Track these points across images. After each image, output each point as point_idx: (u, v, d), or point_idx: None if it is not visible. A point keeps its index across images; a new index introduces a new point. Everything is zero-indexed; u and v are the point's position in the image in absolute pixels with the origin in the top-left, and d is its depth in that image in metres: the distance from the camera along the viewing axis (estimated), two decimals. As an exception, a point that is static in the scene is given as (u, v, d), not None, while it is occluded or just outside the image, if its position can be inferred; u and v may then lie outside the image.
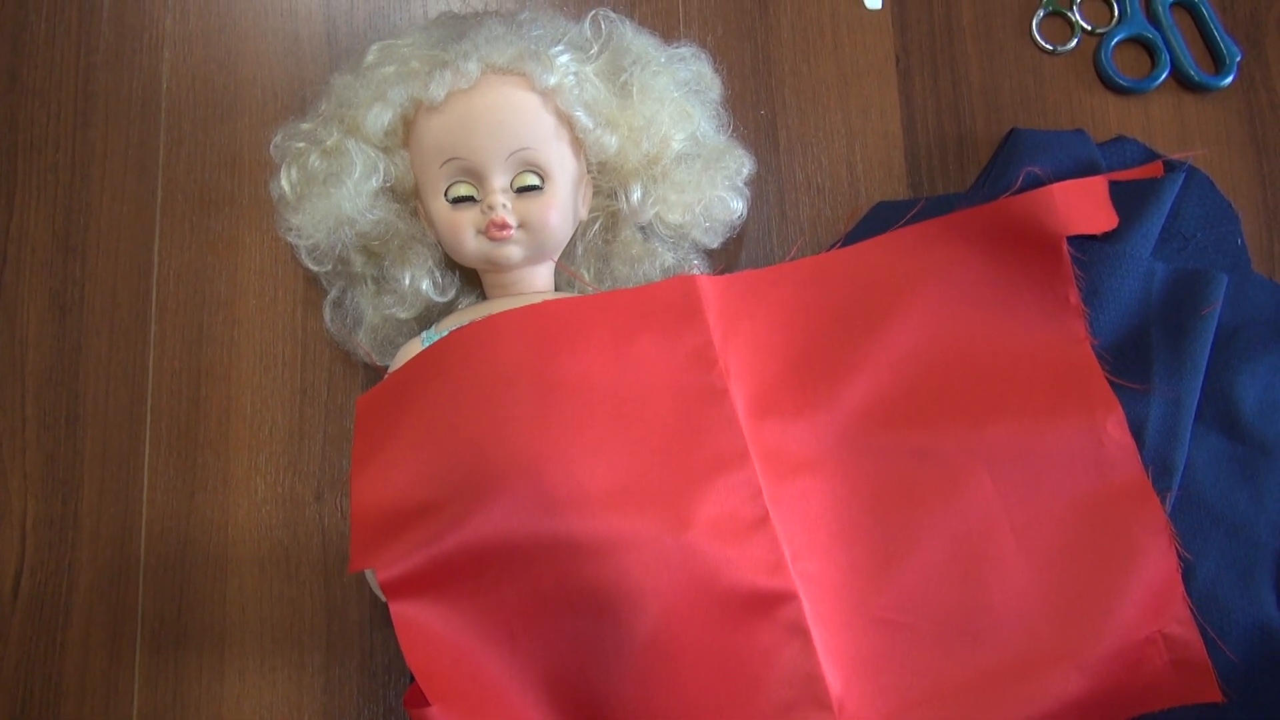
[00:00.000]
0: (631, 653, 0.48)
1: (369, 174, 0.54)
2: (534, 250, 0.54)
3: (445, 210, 0.53)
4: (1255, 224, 0.64)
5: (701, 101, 0.58)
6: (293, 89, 0.62)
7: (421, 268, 0.56)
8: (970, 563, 0.53)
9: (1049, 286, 0.56)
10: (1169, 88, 0.65)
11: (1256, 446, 0.55)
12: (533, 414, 0.49)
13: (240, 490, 0.58)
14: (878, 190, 0.63)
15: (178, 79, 0.62)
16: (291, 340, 0.60)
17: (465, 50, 0.52)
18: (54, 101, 0.62)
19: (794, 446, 0.54)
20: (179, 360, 0.60)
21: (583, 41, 0.55)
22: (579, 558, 0.48)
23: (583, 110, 0.53)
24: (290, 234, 0.56)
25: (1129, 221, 0.57)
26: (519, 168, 0.52)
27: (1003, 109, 0.65)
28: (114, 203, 0.61)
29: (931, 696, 0.51)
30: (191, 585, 0.57)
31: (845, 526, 0.54)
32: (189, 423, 0.59)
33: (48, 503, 0.58)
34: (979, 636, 0.52)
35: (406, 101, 0.53)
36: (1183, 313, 0.56)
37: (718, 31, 0.64)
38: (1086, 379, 0.55)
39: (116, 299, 0.60)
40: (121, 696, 0.56)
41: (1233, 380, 0.56)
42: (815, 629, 0.50)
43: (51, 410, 0.59)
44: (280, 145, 0.57)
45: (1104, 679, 0.50)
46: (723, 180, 0.57)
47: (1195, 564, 0.52)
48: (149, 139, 0.62)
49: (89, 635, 0.57)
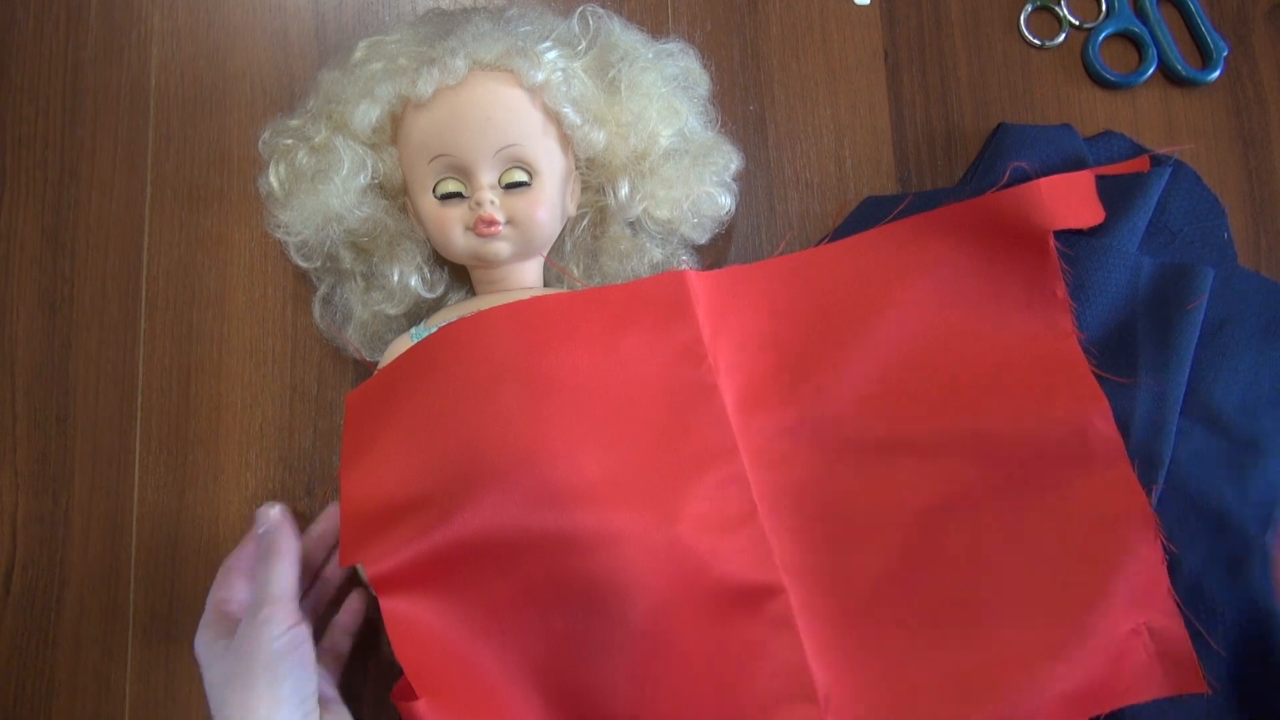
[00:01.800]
0: (621, 646, 0.48)
1: (357, 171, 0.54)
2: (522, 246, 0.54)
3: (433, 207, 0.53)
4: (1241, 218, 0.64)
5: (690, 97, 0.58)
6: (281, 85, 0.62)
7: (410, 264, 0.56)
8: (957, 556, 0.53)
9: (1036, 281, 0.56)
10: (1156, 82, 0.66)
11: (1241, 441, 0.55)
12: (522, 409, 0.49)
13: (231, 486, 0.58)
14: (866, 185, 0.63)
15: (166, 75, 0.62)
16: (281, 336, 0.60)
17: (453, 47, 0.52)
18: (42, 97, 0.62)
19: (781, 441, 0.55)
20: (169, 357, 0.60)
21: (570, 38, 0.55)
22: (569, 552, 0.48)
23: (570, 106, 0.53)
24: (279, 231, 0.56)
25: (1116, 216, 0.57)
26: (507, 164, 0.52)
27: (991, 104, 0.65)
28: (103, 199, 0.61)
29: (918, 688, 0.51)
30: (183, 580, 0.58)
31: (832, 520, 0.54)
32: (179, 419, 0.59)
33: (39, 499, 0.58)
34: (966, 629, 0.52)
35: (394, 98, 0.53)
36: (1169, 307, 0.56)
37: (706, 27, 0.64)
38: (1073, 373, 0.55)
39: (106, 296, 0.60)
40: (113, 692, 0.57)
41: (1217, 375, 0.56)
42: (802, 622, 0.50)
43: (41, 407, 0.59)
44: (268, 142, 0.57)
45: (1090, 671, 0.50)
46: (711, 176, 0.57)
47: (1181, 557, 0.52)
48: (137, 135, 0.62)
49: (81, 631, 0.57)
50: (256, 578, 0.48)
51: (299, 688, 0.45)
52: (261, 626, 0.46)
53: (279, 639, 0.45)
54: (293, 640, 0.46)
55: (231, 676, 0.45)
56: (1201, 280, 0.56)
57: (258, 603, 0.47)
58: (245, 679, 0.45)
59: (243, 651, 0.45)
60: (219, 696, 0.45)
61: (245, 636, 0.46)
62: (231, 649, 0.46)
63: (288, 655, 0.45)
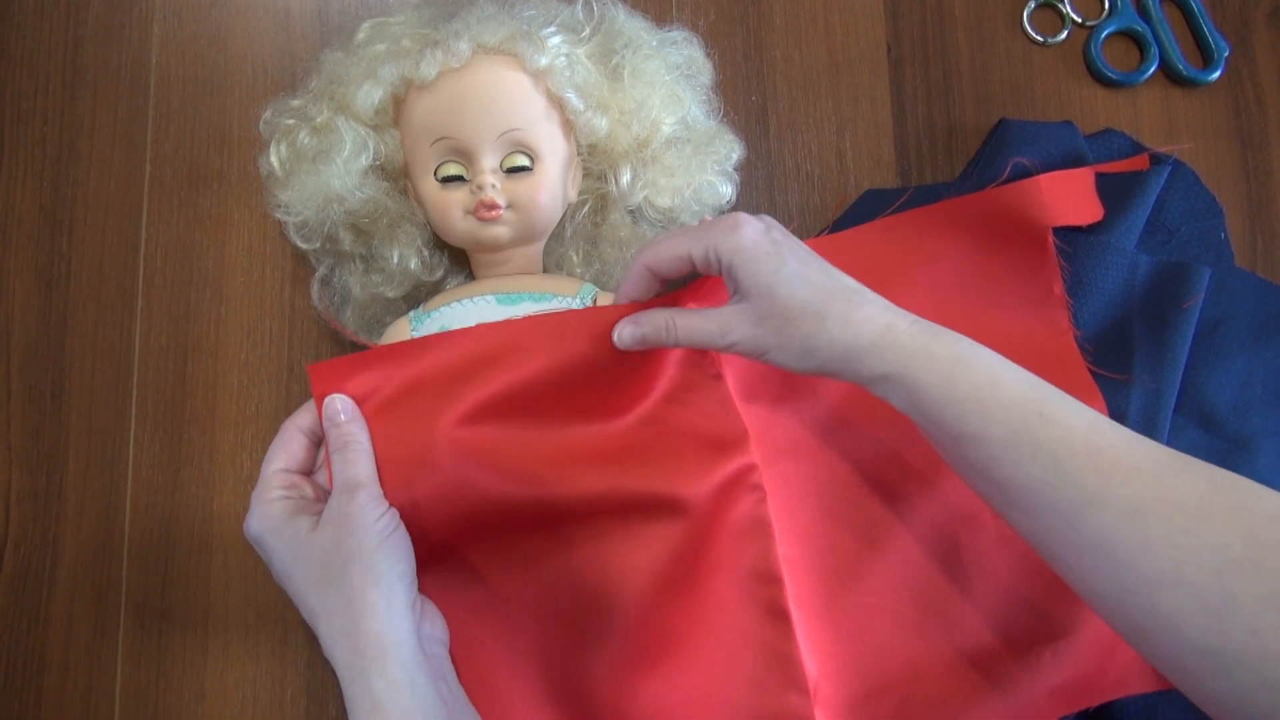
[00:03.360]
0: (616, 631, 0.49)
1: (359, 152, 0.53)
2: (522, 231, 0.54)
3: (434, 190, 0.53)
4: (1239, 218, 0.64)
5: (692, 86, 0.58)
6: (283, 65, 0.62)
7: (410, 247, 0.56)
8: (950, 549, 0.53)
9: (1034, 277, 0.56)
10: (1157, 81, 0.66)
11: (1233, 439, 0.56)
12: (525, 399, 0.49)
13: (226, 466, 0.58)
14: (867, 178, 0.63)
15: (167, 53, 0.62)
16: (279, 317, 0.60)
17: (457, 29, 0.52)
18: (42, 74, 0.61)
19: (779, 432, 0.55)
20: (166, 336, 0.59)
21: (575, 23, 0.55)
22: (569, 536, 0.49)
23: (574, 92, 0.53)
24: (279, 211, 0.56)
25: (1114, 213, 0.58)
26: (509, 148, 0.52)
27: (992, 99, 0.65)
28: (102, 177, 0.61)
29: (908, 678, 0.51)
30: (176, 561, 0.57)
31: (828, 511, 0.54)
32: (175, 399, 0.59)
33: (32, 477, 0.58)
34: (957, 621, 0.52)
35: (397, 80, 0.52)
36: (1165, 305, 0.56)
37: (710, 16, 0.64)
38: (1069, 369, 0.55)
39: (103, 274, 0.60)
40: (105, 671, 0.56)
41: (1211, 374, 0.56)
42: (795, 612, 0.50)
43: (37, 384, 0.59)
44: (270, 122, 0.57)
45: (1079, 665, 0.51)
46: (712, 165, 0.57)
47: (1172, 553, 0.53)
48: (138, 113, 0.61)
49: (73, 610, 0.57)
50: (335, 466, 0.47)
51: (407, 571, 0.45)
52: (364, 508, 0.45)
53: (383, 519, 0.45)
54: (392, 521, 0.45)
55: (331, 559, 0.44)
56: (1198, 279, 0.57)
57: (350, 487, 0.45)
58: (354, 561, 0.43)
59: (343, 534, 0.44)
60: (314, 578, 0.44)
61: (344, 517, 0.44)
62: (325, 531, 0.45)
63: (393, 536, 0.45)
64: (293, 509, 0.46)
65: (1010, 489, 0.42)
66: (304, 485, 0.48)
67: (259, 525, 0.46)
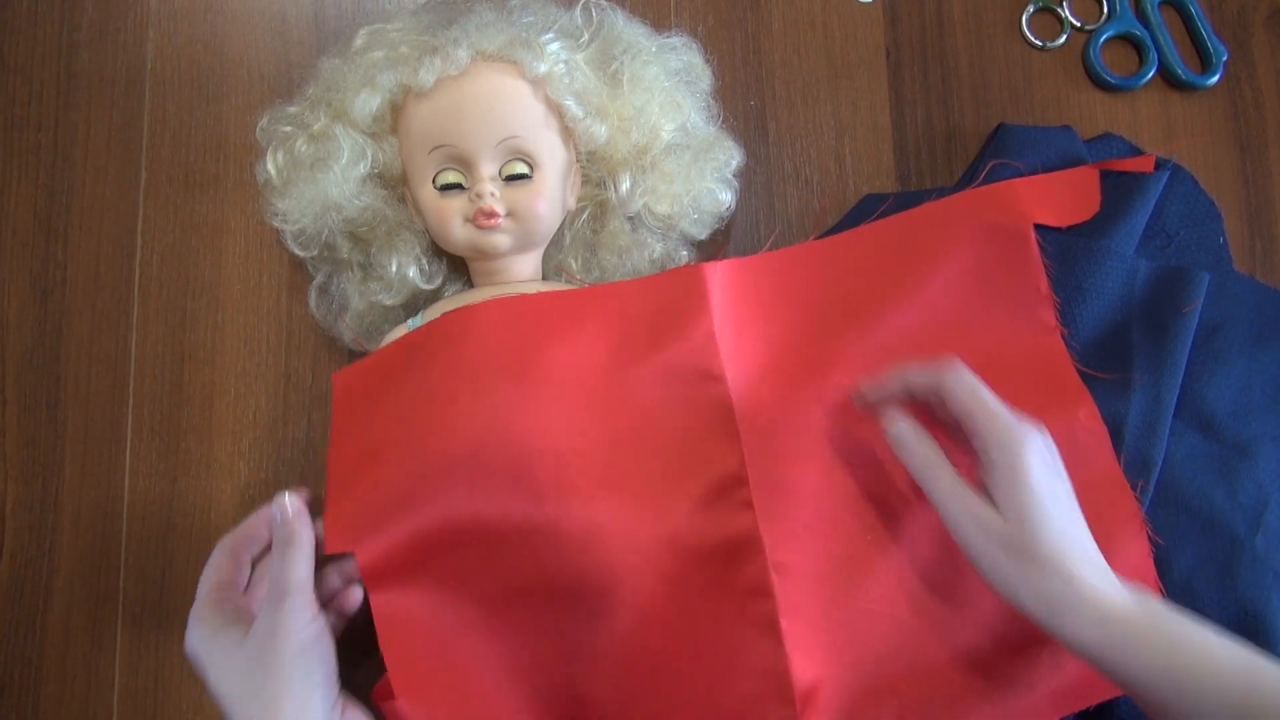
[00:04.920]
0: (606, 642, 0.48)
1: (356, 160, 0.53)
2: (522, 239, 0.53)
3: (433, 197, 0.53)
4: (1238, 223, 0.64)
5: (692, 92, 0.58)
6: (280, 71, 0.62)
7: (408, 255, 0.56)
8: (946, 553, 0.53)
9: (1019, 275, 0.56)
10: (1156, 85, 0.66)
11: (1232, 445, 0.56)
12: (518, 401, 0.49)
13: (223, 474, 0.58)
14: (866, 183, 0.63)
15: (162, 59, 0.62)
16: (276, 325, 0.60)
17: (455, 36, 0.51)
18: (36, 80, 0.61)
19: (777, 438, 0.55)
20: (162, 344, 0.59)
21: (573, 30, 0.55)
22: (559, 545, 0.48)
23: (573, 99, 0.53)
24: (276, 219, 0.55)
25: (1113, 218, 0.58)
26: (508, 156, 0.52)
27: (991, 104, 0.65)
28: (97, 184, 0.60)
29: (907, 680, 0.51)
30: (173, 569, 0.57)
31: (826, 516, 0.54)
32: (171, 407, 0.59)
33: (28, 486, 0.58)
34: (956, 625, 0.52)
35: (395, 87, 0.52)
36: (1164, 310, 0.56)
37: (708, 21, 0.64)
38: (1057, 368, 0.55)
39: (99, 281, 0.60)
40: (102, 680, 0.56)
41: (1210, 378, 0.56)
42: (790, 620, 0.50)
43: (32, 393, 0.58)
44: (266, 129, 0.56)
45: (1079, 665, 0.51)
46: (712, 171, 0.57)
47: (1172, 558, 0.53)
48: (133, 120, 0.61)
49: (70, 619, 0.57)
50: (273, 568, 0.47)
51: (327, 677, 0.45)
52: (288, 617, 0.44)
53: (305, 629, 0.45)
54: (317, 630, 0.45)
55: (254, 669, 0.44)
56: (1197, 284, 0.57)
57: (279, 592, 0.45)
58: (273, 671, 0.43)
59: (267, 643, 0.44)
60: (237, 690, 0.44)
61: (269, 627, 0.44)
62: (251, 641, 0.45)
63: (314, 645, 0.45)
64: (224, 622, 0.46)
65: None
66: (239, 598, 0.48)
67: (192, 642, 0.46)
